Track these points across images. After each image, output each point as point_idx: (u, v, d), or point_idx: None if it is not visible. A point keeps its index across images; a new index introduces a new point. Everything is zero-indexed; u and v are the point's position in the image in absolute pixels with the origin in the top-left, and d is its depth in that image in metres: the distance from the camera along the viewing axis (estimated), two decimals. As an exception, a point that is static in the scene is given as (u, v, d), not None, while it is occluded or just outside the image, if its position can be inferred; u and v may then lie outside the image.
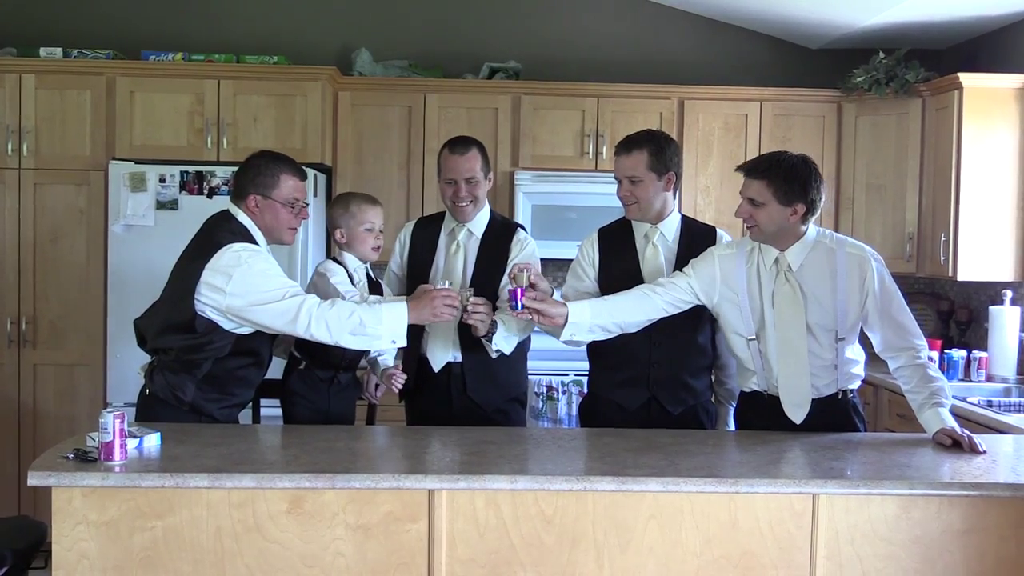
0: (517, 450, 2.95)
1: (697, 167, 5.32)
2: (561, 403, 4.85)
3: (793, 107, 5.38)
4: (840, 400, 3.24)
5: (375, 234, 3.54)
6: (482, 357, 3.48)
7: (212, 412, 3.25)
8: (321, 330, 3.08)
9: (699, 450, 2.95)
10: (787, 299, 3.16)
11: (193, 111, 4.97)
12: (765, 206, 3.11)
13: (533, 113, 5.30)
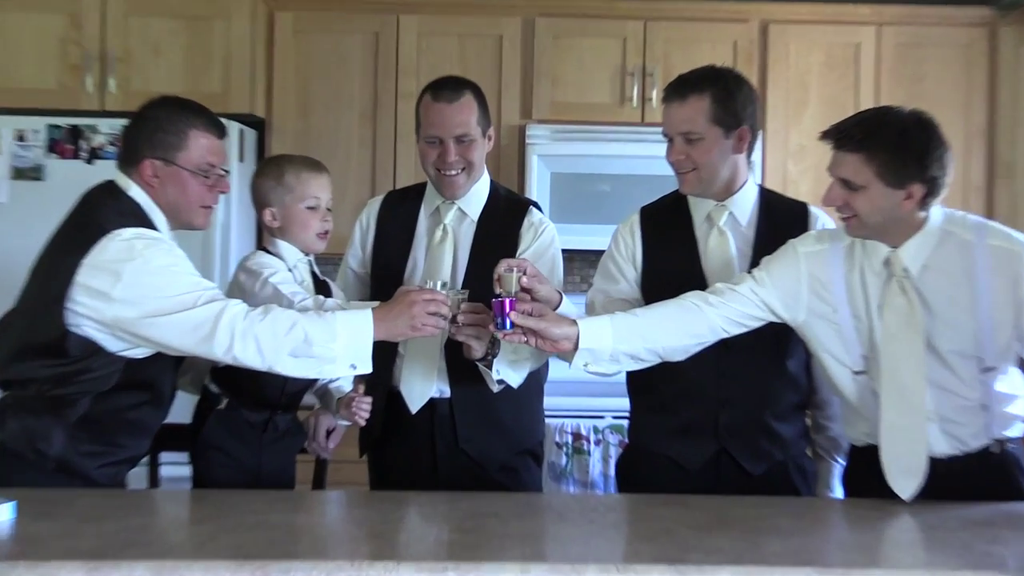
0: (530, 526, 2.94)
1: (788, 119, 5.35)
2: (593, 458, 4.86)
3: (925, 33, 5.40)
4: (995, 455, 3.21)
5: (321, 214, 3.54)
6: (480, 391, 3.48)
7: (89, 471, 3.22)
8: (249, 351, 3.07)
9: (792, 526, 2.93)
10: (900, 316, 3.11)
11: (66, 39, 5.01)
12: (866, 189, 3.03)
13: (552, 43, 5.33)
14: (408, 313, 3.14)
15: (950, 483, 3.13)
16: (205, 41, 5.04)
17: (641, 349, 3.22)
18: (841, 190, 3.07)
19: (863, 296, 3.18)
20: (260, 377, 3.31)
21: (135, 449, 3.34)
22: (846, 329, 3.19)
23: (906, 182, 3.01)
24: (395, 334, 3.18)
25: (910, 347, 3.10)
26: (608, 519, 3.07)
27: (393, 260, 3.66)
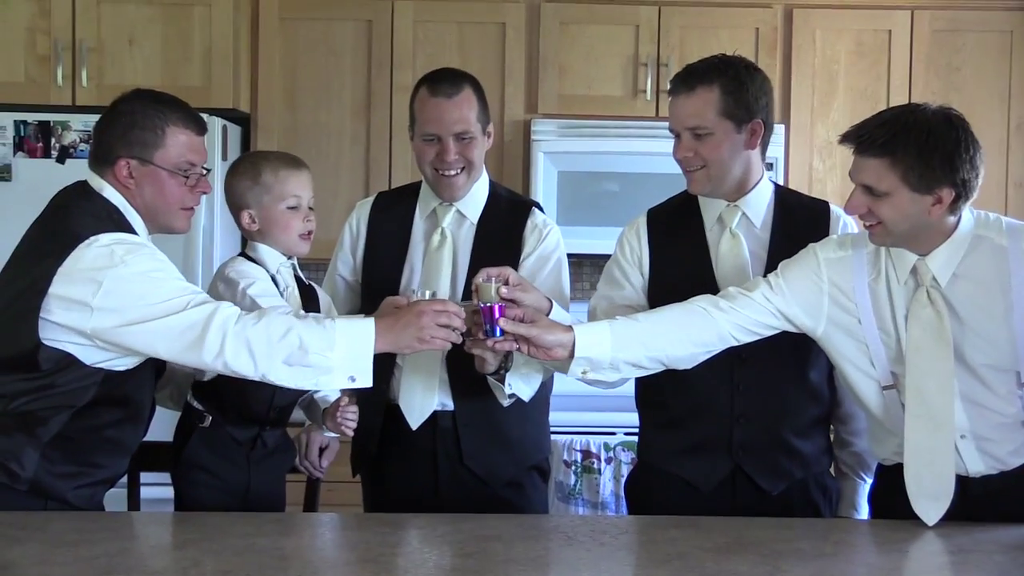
0: (537, 550, 2.95)
1: (814, 112, 5.36)
2: (604, 477, 4.87)
3: (962, 19, 5.42)
4: None
5: (302, 213, 3.53)
6: (484, 404, 3.50)
7: (64, 494, 3.23)
8: (241, 357, 3.07)
9: (815, 550, 2.95)
10: (927, 328, 3.09)
11: (35, 28, 5.04)
12: (891, 196, 3.01)
13: (560, 31, 5.35)
14: (416, 324, 3.12)
15: (986, 503, 3.15)
16: (184, 30, 5.05)
17: (643, 357, 3.22)
18: (864, 197, 3.04)
19: (889, 306, 3.17)
20: (246, 391, 3.35)
21: (113, 469, 3.34)
22: (872, 341, 3.19)
23: (934, 187, 2.98)
24: (400, 346, 3.17)
25: (938, 362, 3.09)
26: (619, 542, 3.08)
27: (387, 268, 3.65)
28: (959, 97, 5.37)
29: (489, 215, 3.66)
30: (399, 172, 5.18)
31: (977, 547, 3.01)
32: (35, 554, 2.79)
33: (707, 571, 2.73)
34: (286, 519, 3.34)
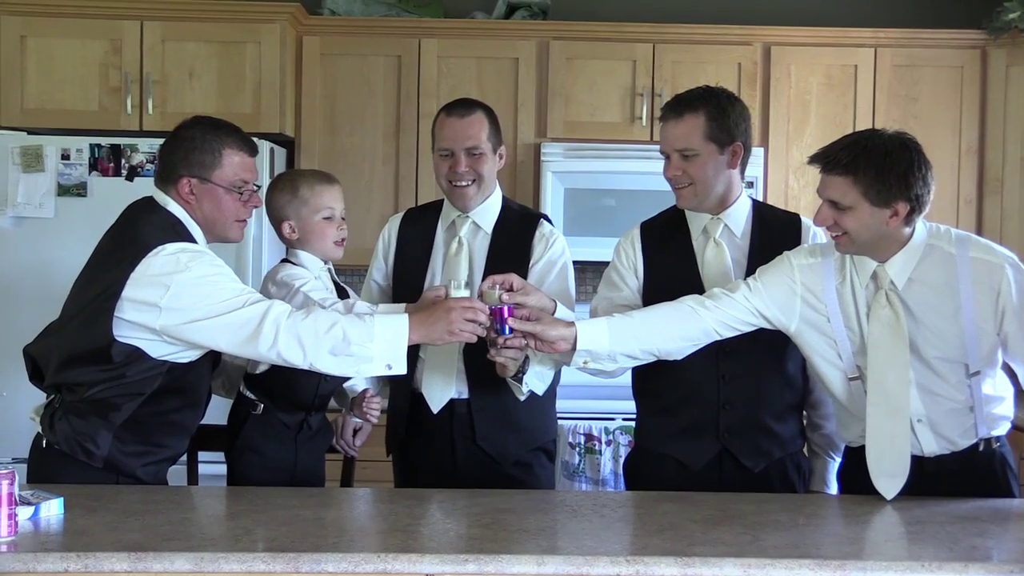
0: (545, 521, 2.95)
1: (789, 137, 5.34)
2: (605, 457, 4.86)
3: (920, 55, 5.40)
4: (983, 453, 3.23)
5: (336, 223, 3.53)
6: (497, 393, 3.50)
7: (134, 470, 3.26)
8: (292, 347, 3.09)
9: (791, 521, 2.95)
10: (886, 327, 3.13)
11: (107, 63, 5.03)
12: (853, 209, 3.05)
13: (566, 65, 5.33)
14: (447, 319, 3.14)
15: (941, 481, 3.18)
16: (237, 64, 5.05)
17: (637, 349, 3.24)
18: (830, 210, 3.08)
19: (854, 307, 3.20)
20: (294, 382, 3.37)
21: (176, 448, 3.38)
22: (839, 338, 3.21)
23: (891, 201, 3.03)
24: (432, 338, 3.18)
25: (895, 355, 3.12)
26: (618, 514, 3.09)
27: (413, 271, 3.67)
28: (917, 124, 5.36)
29: (502, 226, 3.66)
30: (425, 189, 5.17)
31: (931, 518, 3.00)
32: (108, 522, 2.81)
33: (695, 540, 2.73)
34: (325, 493, 3.35)
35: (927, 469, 3.19)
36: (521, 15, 5.44)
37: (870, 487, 3.20)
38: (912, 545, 2.82)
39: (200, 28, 5.05)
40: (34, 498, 2.83)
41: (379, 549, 2.65)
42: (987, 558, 2.65)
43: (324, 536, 2.79)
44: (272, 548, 2.62)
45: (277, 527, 2.82)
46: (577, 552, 2.64)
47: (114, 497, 3.05)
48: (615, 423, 4.87)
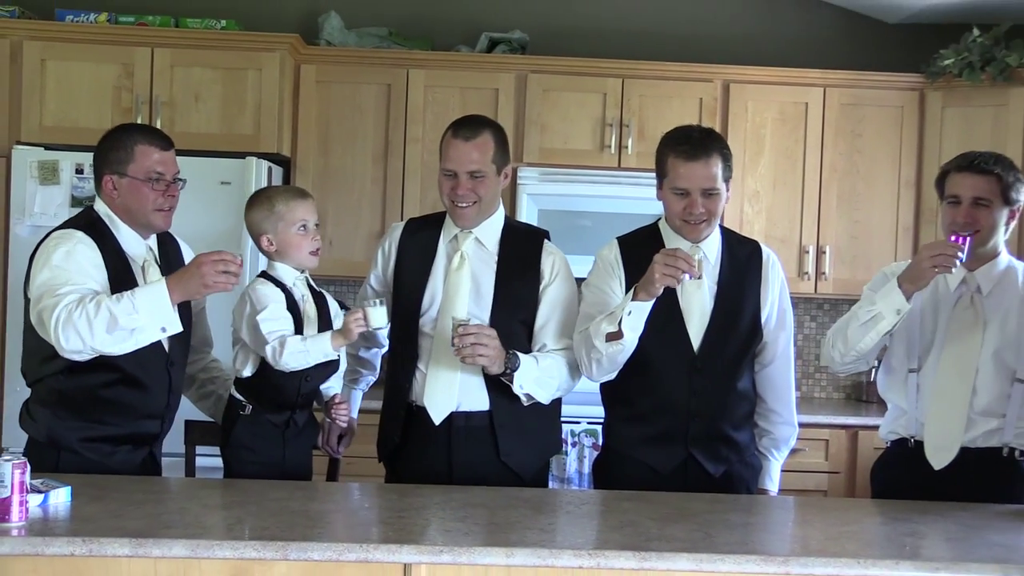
0: (514, 516, 2.94)
1: (745, 167, 5.34)
2: (570, 458, 4.86)
3: (864, 95, 5.42)
4: (1005, 458, 3.29)
5: (311, 234, 3.48)
6: (495, 407, 3.43)
7: (72, 444, 3.25)
8: (73, 339, 3.05)
9: (741, 520, 2.97)
10: (967, 327, 3.29)
11: (120, 86, 5.01)
12: (991, 206, 3.27)
13: (542, 96, 5.34)
14: (199, 273, 3.11)
15: (963, 478, 3.26)
16: (239, 89, 5.04)
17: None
18: (971, 208, 3.26)
19: (932, 308, 3.34)
20: (278, 383, 3.37)
21: (120, 427, 3.32)
22: (912, 334, 3.34)
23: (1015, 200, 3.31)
24: (191, 293, 3.17)
25: (967, 352, 3.28)
26: (582, 511, 3.11)
27: (413, 283, 3.52)
28: (860, 158, 5.41)
29: (508, 243, 3.53)
30: (409, 209, 5.14)
31: (868, 519, 3.05)
32: (111, 510, 2.80)
33: (652, 536, 2.74)
34: (313, 487, 3.33)
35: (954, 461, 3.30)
36: (501, 49, 5.45)
37: (903, 480, 3.34)
38: (850, 542, 2.82)
39: (206, 55, 5.04)
40: (43, 486, 2.82)
41: (361, 540, 2.65)
42: (916, 554, 2.67)
43: (311, 526, 2.79)
44: (262, 537, 2.61)
45: (267, 517, 2.81)
46: (543, 545, 2.65)
47: (117, 487, 3.04)
48: (580, 427, 4.87)
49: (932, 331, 3.33)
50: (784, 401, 3.52)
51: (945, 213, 3.32)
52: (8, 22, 5.03)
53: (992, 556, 2.67)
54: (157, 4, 5.40)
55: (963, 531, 2.89)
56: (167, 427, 3.47)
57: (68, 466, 3.20)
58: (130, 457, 3.35)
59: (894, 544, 2.78)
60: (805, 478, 4.89)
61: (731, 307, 3.42)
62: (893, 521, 2.99)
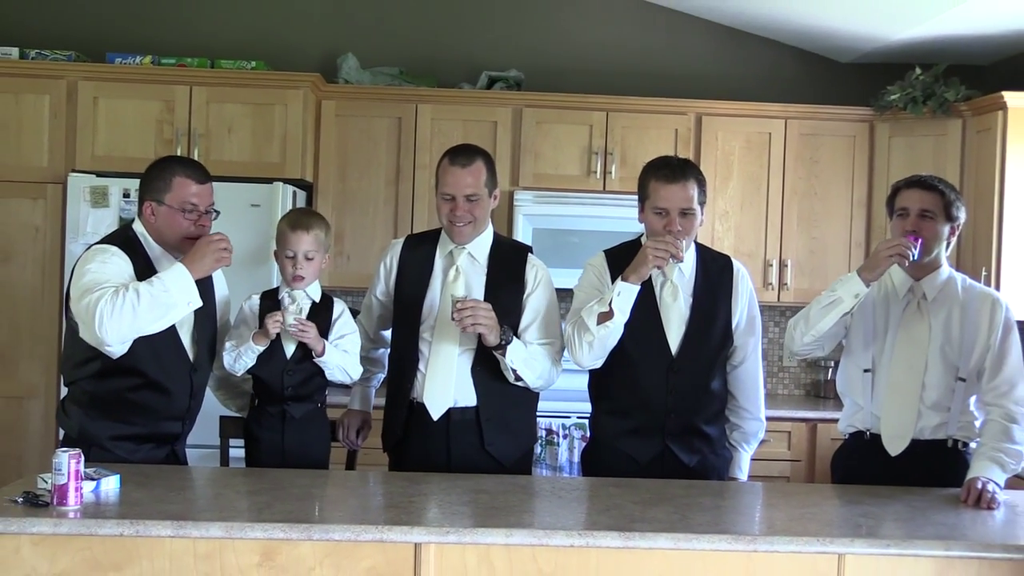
0: (513, 500, 2.95)
1: (716, 189, 5.33)
2: (561, 448, 4.85)
3: (821, 126, 5.43)
4: (950, 450, 3.30)
5: (295, 262, 3.41)
6: (500, 405, 3.43)
7: (102, 441, 3.23)
8: (119, 324, 3.03)
9: (714, 503, 2.96)
10: (915, 328, 3.30)
11: (162, 120, 5.00)
12: (935, 219, 3.28)
13: (535, 127, 5.34)
14: (208, 251, 3.19)
15: (914, 466, 3.26)
16: (267, 122, 5.02)
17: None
18: (918, 220, 3.27)
19: (884, 313, 3.35)
20: (265, 380, 3.42)
21: (147, 427, 3.30)
22: (867, 338, 3.36)
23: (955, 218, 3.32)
24: (205, 270, 3.21)
25: (916, 351, 3.29)
26: (572, 496, 3.10)
27: (413, 293, 3.51)
28: (817, 181, 5.41)
29: (496, 256, 3.53)
30: (419, 226, 5.12)
31: (827, 502, 3.03)
32: (155, 495, 2.81)
33: (635, 518, 2.75)
34: (332, 475, 3.32)
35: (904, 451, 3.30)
36: (499, 86, 5.45)
37: (859, 470, 3.34)
38: (811, 523, 2.82)
39: (238, 92, 5.04)
40: (96, 474, 2.83)
41: (377, 522, 2.66)
42: (871, 533, 2.67)
43: (332, 510, 2.81)
44: (289, 519, 2.62)
45: (292, 502, 2.81)
46: (539, 526, 2.65)
47: (161, 475, 3.04)
48: (570, 420, 4.86)
49: (884, 333, 3.34)
50: (753, 399, 3.51)
51: (895, 225, 3.33)
52: (65, 65, 5.03)
53: (936, 534, 2.69)
54: (195, 47, 5.42)
55: (911, 512, 2.90)
56: (188, 427, 3.43)
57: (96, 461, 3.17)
58: (153, 454, 3.31)
59: (850, 524, 2.78)
60: (770, 466, 4.89)
61: (705, 315, 3.41)
62: (849, 504, 2.99)
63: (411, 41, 5.70)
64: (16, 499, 2.67)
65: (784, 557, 2.62)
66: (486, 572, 2.61)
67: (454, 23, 5.73)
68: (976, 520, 2.86)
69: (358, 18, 5.69)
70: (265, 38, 5.61)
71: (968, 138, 5.19)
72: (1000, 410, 3.21)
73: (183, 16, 5.62)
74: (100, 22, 5.56)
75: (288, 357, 3.41)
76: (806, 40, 5.66)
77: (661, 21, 5.76)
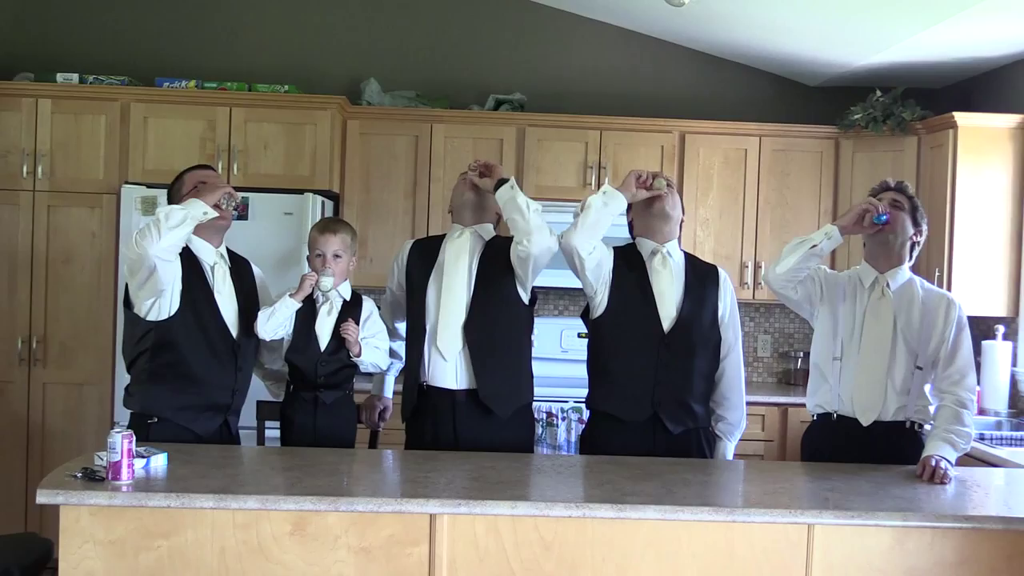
0: (517, 476, 2.95)
1: (697, 199, 5.33)
2: (560, 429, 4.84)
3: (791, 143, 5.41)
4: (907, 431, 3.29)
5: (324, 260, 3.46)
6: (483, 385, 3.43)
7: (163, 411, 3.26)
8: (143, 238, 3.13)
9: (696, 478, 2.95)
10: (882, 313, 3.30)
11: (205, 137, 4.99)
12: (904, 209, 3.32)
13: (537, 144, 5.32)
14: (214, 187, 3.29)
15: (876, 444, 3.25)
16: (299, 140, 5.01)
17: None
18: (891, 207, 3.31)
19: (852, 304, 3.35)
20: (300, 368, 3.44)
21: (205, 395, 3.33)
22: (838, 327, 3.35)
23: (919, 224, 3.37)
24: (213, 200, 3.24)
25: (883, 333, 3.29)
26: (570, 472, 3.10)
27: (420, 283, 3.53)
28: (788, 192, 5.40)
29: (493, 243, 3.57)
30: (433, 232, 5.11)
31: (797, 478, 3.03)
32: (199, 471, 2.81)
33: (626, 491, 2.74)
34: (357, 453, 3.33)
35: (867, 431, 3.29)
36: (505, 108, 5.44)
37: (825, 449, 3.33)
38: (783, 496, 2.82)
39: (273, 113, 5.03)
40: (146, 453, 2.83)
41: (396, 495, 2.66)
42: (837, 506, 2.66)
43: (356, 484, 2.80)
44: (318, 492, 2.62)
45: (322, 477, 2.81)
46: (540, 499, 2.65)
47: (203, 453, 3.05)
48: (568, 405, 4.84)
49: (853, 321, 3.33)
50: (735, 389, 3.49)
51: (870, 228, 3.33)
52: (119, 88, 5.03)
53: (895, 506, 2.68)
54: (234, 73, 5.41)
55: (872, 487, 2.89)
56: (238, 400, 3.44)
57: (157, 435, 3.21)
58: (210, 423, 3.34)
59: (818, 497, 2.77)
60: (745, 445, 4.82)
61: (695, 299, 3.43)
62: (817, 479, 2.98)
63: (426, 68, 5.69)
64: (76, 474, 2.68)
65: (759, 527, 2.62)
66: (493, 540, 2.61)
67: (465, 52, 5.72)
68: (930, 494, 2.85)
69: (379, 47, 5.69)
70: (297, 65, 5.60)
71: (923, 154, 5.17)
72: (952, 396, 3.21)
73: (224, 45, 5.61)
74: (150, 51, 5.55)
75: (322, 350, 3.42)
76: (778, 66, 5.64)
77: (649, 49, 5.75)
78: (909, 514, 2.62)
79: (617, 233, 3.52)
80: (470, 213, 3.58)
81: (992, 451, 3.86)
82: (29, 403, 4.93)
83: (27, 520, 4.85)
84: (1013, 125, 4.86)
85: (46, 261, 4.93)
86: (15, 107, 4.92)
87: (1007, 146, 4.88)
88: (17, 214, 4.92)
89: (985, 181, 4.87)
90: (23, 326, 4.92)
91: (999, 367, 4.78)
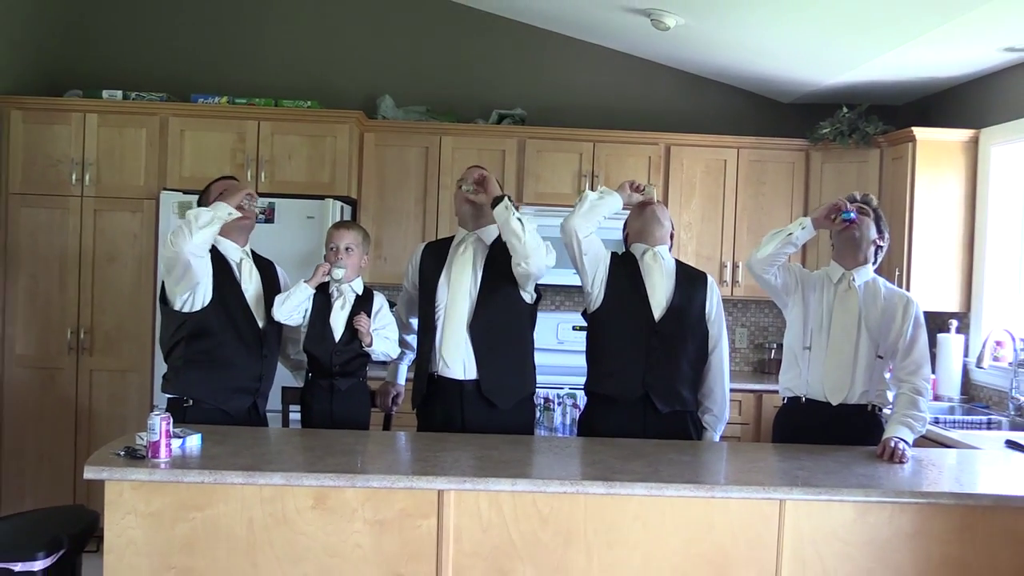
0: (518, 456, 2.95)
1: (681, 205, 5.33)
2: (556, 413, 4.84)
3: (766, 154, 5.40)
4: (869, 413, 3.31)
5: (336, 252, 3.46)
6: (486, 373, 3.41)
7: (201, 395, 3.28)
8: (177, 238, 3.15)
9: (680, 459, 2.95)
10: (849, 304, 3.32)
11: (235, 148, 4.99)
12: (868, 221, 3.35)
13: (536, 155, 5.31)
14: (237, 191, 3.31)
15: (839, 425, 3.28)
16: (320, 150, 5.01)
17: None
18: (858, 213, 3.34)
19: (822, 299, 3.37)
20: (316, 357, 3.43)
21: (237, 380, 3.35)
22: (808, 319, 3.38)
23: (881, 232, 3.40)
24: (236, 201, 3.28)
25: (850, 322, 3.31)
26: (565, 452, 3.09)
27: (430, 278, 3.51)
28: (763, 200, 5.39)
29: (496, 246, 3.51)
30: (442, 235, 5.12)
31: (770, 458, 3.02)
32: (229, 451, 2.81)
33: (616, 469, 2.74)
34: (372, 435, 3.32)
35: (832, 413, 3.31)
36: (507, 122, 5.44)
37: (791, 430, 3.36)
38: (758, 475, 2.82)
39: (297, 126, 5.03)
40: (182, 433, 2.83)
41: (408, 472, 2.66)
42: (807, 483, 2.67)
43: (372, 463, 2.79)
44: (337, 470, 2.62)
45: (340, 456, 2.82)
46: (538, 477, 2.66)
47: (234, 434, 3.05)
48: (564, 391, 4.84)
49: (821, 311, 3.35)
50: (720, 381, 3.48)
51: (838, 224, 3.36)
52: (158, 104, 5.02)
53: (858, 483, 2.68)
54: (262, 89, 5.42)
55: (838, 466, 2.89)
56: (265, 384, 3.44)
57: (192, 417, 3.21)
58: (241, 403, 3.35)
59: (789, 475, 2.77)
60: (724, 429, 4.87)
61: (684, 295, 3.44)
62: (788, 459, 2.99)
63: (436, 85, 5.69)
64: (119, 452, 2.68)
65: (736, 502, 2.62)
66: (495, 513, 2.61)
67: (471, 71, 5.71)
68: (890, 472, 2.86)
69: (393, 67, 5.68)
70: (319, 82, 5.60)
71: (885, 165, 5.16)
72: (909, 385, 3.22)
73: (253, 65, 5.61)
74: (186, 70, 5.55)
75: (337, 341, 3.42)
76: (755, 84, 5.64)
77: (637, 69, 5.74)
78: (870, 490, 2.63)
79: (611, 236, 3.52)
80: (471, 221, 3.57)
81: (946, 433, 3.86)
82: (77, 388, 4.93)
83: (75, 493, 4.86)
84: (966, 139, 4.86)
85: (92, 260, 4.93)
86: (65, 121, 4.92)
87: (960, 158, 4.87)
88: (67, 218, 4.92)
89: (941, 190, 4.87)
90: (72, 318, 4.93)
91: (952, 357, 4.79)
